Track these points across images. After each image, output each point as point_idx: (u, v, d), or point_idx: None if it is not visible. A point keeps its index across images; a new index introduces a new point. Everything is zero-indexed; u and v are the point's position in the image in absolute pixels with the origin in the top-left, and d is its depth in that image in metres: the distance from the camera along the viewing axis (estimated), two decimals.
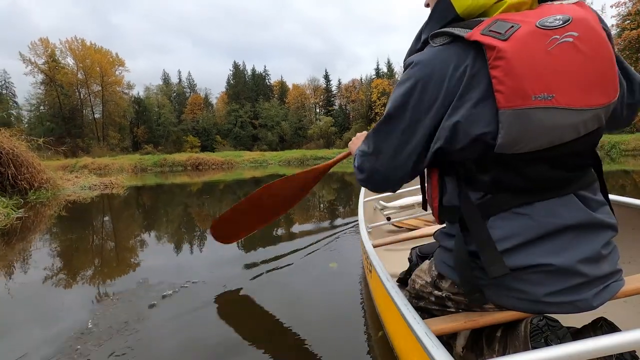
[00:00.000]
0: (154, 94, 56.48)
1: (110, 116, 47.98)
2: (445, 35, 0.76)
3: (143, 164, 25.68)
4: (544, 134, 0.70)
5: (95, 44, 47.57)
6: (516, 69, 0.66)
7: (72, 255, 3.21)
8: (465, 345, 0.94)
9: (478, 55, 0.71)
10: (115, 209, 6.52)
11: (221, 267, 2.61)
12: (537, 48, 0.66)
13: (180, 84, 60.61)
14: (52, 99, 45.12)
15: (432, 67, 0.76)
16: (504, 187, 0.77)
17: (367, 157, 0.90)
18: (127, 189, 10.12)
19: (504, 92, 0.67)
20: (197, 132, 53.90)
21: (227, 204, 6.96)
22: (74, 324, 1.74)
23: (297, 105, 57.91)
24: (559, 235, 0.74)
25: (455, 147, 0.76)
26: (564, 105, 0.68)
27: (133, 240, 3.85)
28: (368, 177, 0.91)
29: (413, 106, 0.79)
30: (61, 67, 44.89)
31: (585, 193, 0.79)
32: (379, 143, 0.86)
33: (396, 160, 0.84)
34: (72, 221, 4.96)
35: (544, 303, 0.75)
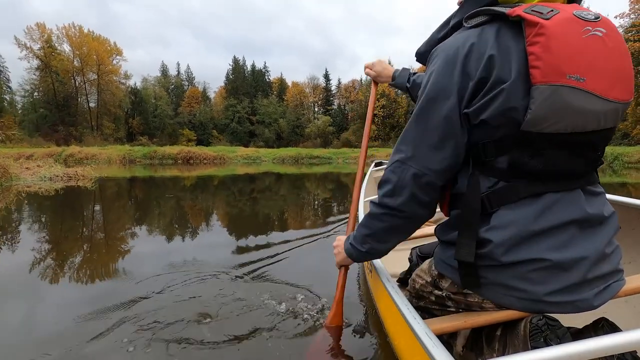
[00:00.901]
0: (151, 85, 55.82)
1: (106, 105, 47.25)
2: (482, 14, 0.78)
3: (132, 156, 25.09)
4: (571, 116, 0.72)
5: (94, 32, 46.98)
6: (554, 47, 0.69)
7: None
8: (465, 345, 0.94)
9: (516, 33, 0.74)
10: (66, 206, 5.51)
11: (218, 265, 2.48)
12: (574, 32, 0.70)
13: (178, 77, 60.05)
14: (47, 85, 44.33)
15: (468, 45, 0.77)
16: (521, 171, 0.77)
17: (408, 162, 0.83)
18: (96, 181, 9.13)
19: (540, 68, 0.70)
20: (194, 126, 53.39)
21: (216, 203, 6.50)
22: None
23: (296, 103, 57.58)
24: (563, 230, 0.75)
25: (484, 125, 0.77)
26: (593, 90, 0.71)
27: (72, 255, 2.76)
28: (413, 191, 0.84)
29: (455, 88, 0.78)
30: (57, 54, 44.11)
31: (591, 188, 0.81)
32: (422, 139, 0.82)
33: (445, 153, 0.80)
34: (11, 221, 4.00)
35: (544, 302, 0.75)
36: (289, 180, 11.78)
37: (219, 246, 3.07)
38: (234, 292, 1.94)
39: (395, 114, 49.81)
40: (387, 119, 49.53)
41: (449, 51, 0.80)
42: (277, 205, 6.24)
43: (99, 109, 47.11)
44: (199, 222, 4.32)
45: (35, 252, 2.77)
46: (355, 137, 49.92)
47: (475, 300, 0.87)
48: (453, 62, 0.78)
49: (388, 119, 49.64)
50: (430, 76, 0.82)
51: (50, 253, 2.81)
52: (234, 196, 7.64)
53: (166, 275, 2.23)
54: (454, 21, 0.88)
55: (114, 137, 45.53)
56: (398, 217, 0.88)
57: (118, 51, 48.84)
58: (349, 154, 31.36)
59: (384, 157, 29.00)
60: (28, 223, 3.95)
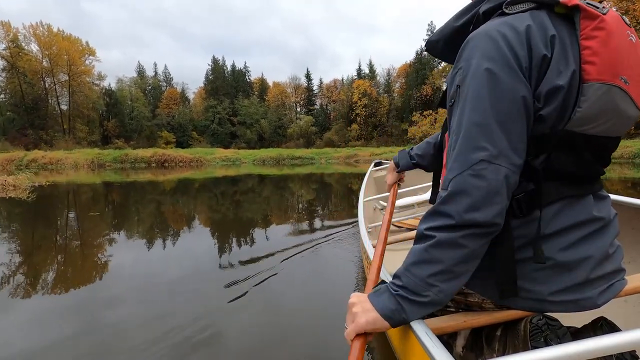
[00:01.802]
0: (127, 87, 54.00)
1: (78, 108, 45.31)
2: (528, 1, 0.73)
3: (101, 160, 23.85)
4: (615, 119, 0.70)
5: (64, 31, 44.97)
6: (613, 43, 0.66)
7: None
8: (465, 345, 0.92)
9: (565, 25, 0.70)
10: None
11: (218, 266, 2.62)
12: (623, 33, 0.69)
13: (155, 78, 58.33)
14: (14, 87, 42.13)
15: (526, 26, 0.70)
16: (555, 173, 0.74)
17: (491, 165, 0.67)
18: (32, 191, 8.11)
19: (596, 64, 0.66)
20: (173, 128, 51.99)
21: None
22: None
23: (278, 103, 56.94)
24: (571, 232, 0.74)
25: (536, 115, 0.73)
26: (632, 95, 0.69)
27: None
28: (507, 196, 0.70)
29: (512, 76, 0.69)
30: (24, 54, 42.01)
31: (600, 192, 0.81)
32: (503, 131, 0.68)
33: (523, 144, 0.71)
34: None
35: (548, 302, 0.74)
36: (272, 182, 11.44)
37: (206, 270, 2.79)
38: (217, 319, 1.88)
39: (377, 113, 49.83)
40: (369, 119, 49.50)
41: (501, 31, 0.70)
42: (261, 210, 5.94)
43: (71, 111, 45.16)
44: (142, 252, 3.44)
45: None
46: (338, 136, 49.70)
47: (476, 300, 0.85)
48: (510, 40, 0.68)
49: (370, 118, 49.62)
50: (483, 58, 0.70)
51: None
52: (215, 200, 7.09)
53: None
54: (487, 7, 0.79)
55: (88, 141, 43.75)
56: (487, 235, 0.69)
57: (91, 51, 47.03)
58: (331, 154, 30.96)
59: (367, 156, 29.00)
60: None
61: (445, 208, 0.69)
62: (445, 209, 0.69)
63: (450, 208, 0.68)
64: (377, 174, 4.34)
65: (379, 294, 0.75)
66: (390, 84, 53.53)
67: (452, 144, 0.73)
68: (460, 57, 0.76)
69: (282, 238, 3.70)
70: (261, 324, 1.81)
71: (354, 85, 51.48)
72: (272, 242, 3.59)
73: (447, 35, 0.89)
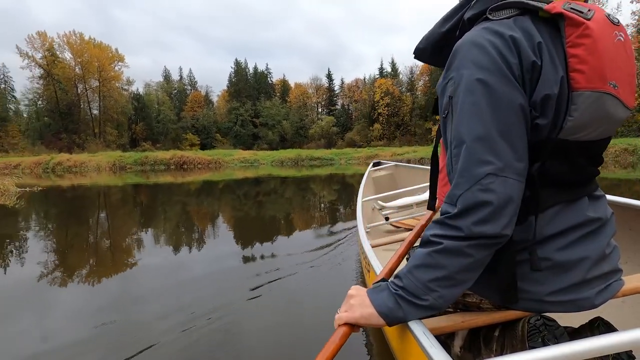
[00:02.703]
0: (154, 91, 55.74)
1: (108, 112, 47.14)
2: (513, 7, 0.72)
3: (123, 162, 24.27)
4: (606, 123, 0.70)
5: (95, 39, 46.96)
6: (600, 50, 0.65)
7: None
8: (462, 345, 0.92)
9: (550, 33, 0.69)
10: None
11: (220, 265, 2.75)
12: (610, 37, 0.67)
13: (181, 81, 59.82)
14: (50, 93, 44.42)
15: (510, 34, 0.68)
16: (550, 180, 0.74)
17: (498, 178, 0.66)
18: (18, 196, 7.72)
19: (585, 72, 0.65)
20: (197, 130, 53.06)
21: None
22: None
23: (299, 104, 56.94)
24: (567, 234, 0.74)
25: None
26: (622, 98, 0.69)
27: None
28: (516, 209, 0.68)
29: (510, 86, 0.67)
30: (59, 62, 44.18)
31: (594, 193, 0.81)
32: (506, 142, 0.66)
33: (523, 158, 0.69)
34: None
35: (546, 302, 0.75)
36: (292, 184, 11.31)
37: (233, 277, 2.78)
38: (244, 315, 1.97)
39: (400, 112, 48.75)
40: (392, 118, 48.52)
41: (488, 38, 0.68)
42: (282, 210, 5.93)
43: (102, 115, 47.04)
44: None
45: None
46: (360, 136, 49.03)
47: (474, 301, 0.85)
48: (499, 47, 0.67)
49: (393, 117, 48.63)
50: (474, 67, 0.68)
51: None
52: (238, 201, 6.89)
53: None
54: (471, 13, 0.78)
55: (117, 144, 45.38)
56: (494, 245, 0.69)
57: (119, 57, 48.79)
58: (351, 155, 30.39)
59: (388, 156, 28.31)
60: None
61: (454, 222, 0.68)
62: (455, 223, 0.68)
63: (460, 223, 0.67)
64: (376, 174, 4.37)
65: (378, 290, 0.76)
66: (414, 82, 52.27)
67: (453, 157, 0.72)
68: (450, 67, 0.74)
69: (304, 237, 3.83)
70: (279, 316, 1.96)
71: (375, 84, 50.63)
72: (293, 241, 3.74)
73: (434, 41, 0.88)
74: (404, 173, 4.28)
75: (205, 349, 1.62)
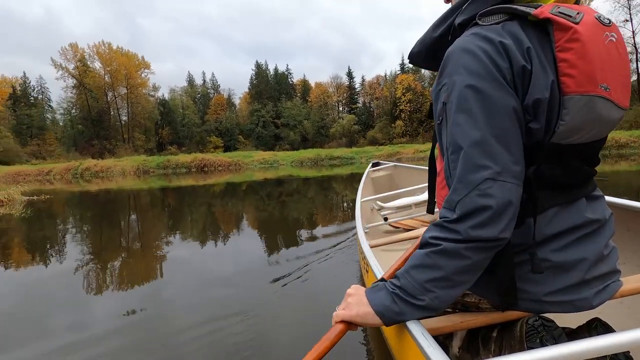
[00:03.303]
0: (178, 96, 57.33)
1: (136, 118, 48.99)
2: (501, 12, 0.72)
3: (146, 166, 24.83)
4: (599, 126, 0.71)
5: (122, 48, 48.86)
6: (589, 53, 0.65)
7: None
8: (461, 346, 0.92)
9: (540, 38, 0.69)
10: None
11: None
12: (600, 39, 0.67)
13: (204, 85, 61.26)
14: (82, 102, 46.70)
15: (500, 40, 0.68)
16: (545, 183, 0.74)
17: (496, 183, 0.66)
18: (24, 206, 7.62)
19: (575, 77, 0.65)
20: (220, 133, 54.14)
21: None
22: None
23: (320, 103, 56.86)
24: (566, 236, 0.75)
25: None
26: (614, 99, 0.69)
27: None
28: (515, 212, 0.69)
29: (502, 91, 0.68)
30: (90, 71, 46.32)
31: (593, 193, 0.81)
32: (502, 146, 0.67)
33: (520, 161, 0.69)
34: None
35: (544, 302, 0.75)
36: (314, 183, 11.22)
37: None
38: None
39: (423, 108, 47.60)
40: (414, 114, 47.48)
41: (478, 44, 0.69)
42: (305, 210, 5.95)
43: (130, 121, 48.93)
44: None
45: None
46: (382, 134, 48.34)
47: (473, 301, 0.86)
48: (490, 53, 0.68)
49: (415, 113, 47.57)
50: (466, 74, 0.69)
51: None
52: (262, 201, 6.84)
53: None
54: (462, 19, 0.78)
55: (145, 148, 47.06)
56: (493, 249, 0.69)
57: (145, 64, 50.58)
58: (372, 153, 29.84)
59: (410, 153, 27.65)
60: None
61: (452, 226, 0.69)
62: (453, 227, 0.68)
63: (458, 227, 0.68)
64: (375, 175, 4.35)
65: (376, 290, 0.78)
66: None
67: (450, 162, 0.73)
68: (443, 73, 0.74)
69: (326, 235, 3.83)
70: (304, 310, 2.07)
71: (397, 80, 49.77)
72: (315, 239, 3.76)
73: (427, 45, 0.88)
74: (402, 173, 4.28)
75: (231, 337, 1.74)
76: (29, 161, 35.77)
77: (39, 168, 23.88)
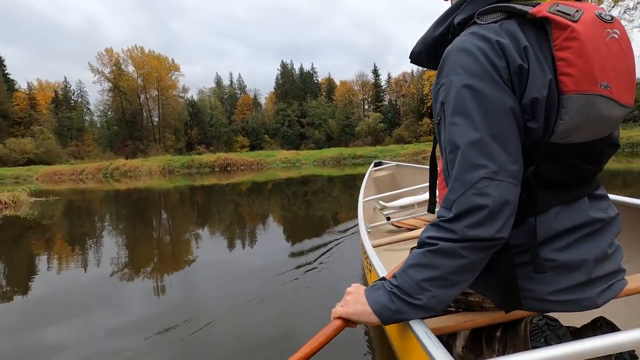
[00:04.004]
0: (207, 97, 58.80)
1: (166, 119, 50.69)
2: (500, 11, 0.72)
3: (171, 166, 25.34)
4: (599, 125, 0.70)
5: (154, 51, 50.67)
6: (588, 52, 0.64)
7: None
8: (465, 345, 0.92)
9: (538, 36, 0.68)
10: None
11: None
12: (600, 36, 0.66)
13: (231, 86, 62.45)
14: (117, 104, 48.93)
15: (491, 42, 0.68)
16: (546, 182, 0.73)
17: (493, 182, 0.66)
18: (30, 206, 7.61)
19: (573, 76, 0.65)
20: (247, 132, 55.01)
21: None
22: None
23: (345, 102, 56.37)
24: (569, 235, 0.74)
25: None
26: (615, 97, 0.68)
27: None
28: (512, 212, 0.69)
29: (499, 89, 0.68)
30: (124, 75, 48.42)
31: (596, 192, 0.80)
32: (499, 145, 0.67)
33: (518, 161, 0.69)
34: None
35: (548, 301, 0.74)
36: (339, 182, 11.13)
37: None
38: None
39: None
40: None
41: (475, 43, 0.69)
42: (330, 208, 5.98)
43: (161, 122, 50.69)
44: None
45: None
46: (409, 132, 47.23)
47: (476, 300, 0.86)
48: (487, 52, 0.68)
49: None
50: (464, 73, 0.69)
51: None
52: (287, 200, 6.79)
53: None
54: (460, 18, 0.78)
55: (174, 148, 48.60)
56: (490, 248, 0.69)
57: (175, 67, 52.19)
58: (397, 151, 29.08)
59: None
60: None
61: (449, 226, 0.69)
62: (449, 226, 0.69)
63: (455, 226, 0.68)
64: (377, 174, 4.32)
65: (374, 289, 0.80)
66: None
67: (448, 162, 0.73)
68: (441, 73, 0.74)
69: (351, 230, 3.88)
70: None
71: (424, 76, 48.36)
72: (342, 232, 3.84)
73: (428, 44, 0.88)
74: (405, 173, 4.25)
75: (253, 321, 1.92)
76: (68, 161, 37.89)
77: (72, 168, 25.17)
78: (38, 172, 24.78)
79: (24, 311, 2.32)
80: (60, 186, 16.77)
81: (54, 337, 1.94)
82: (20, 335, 1.96)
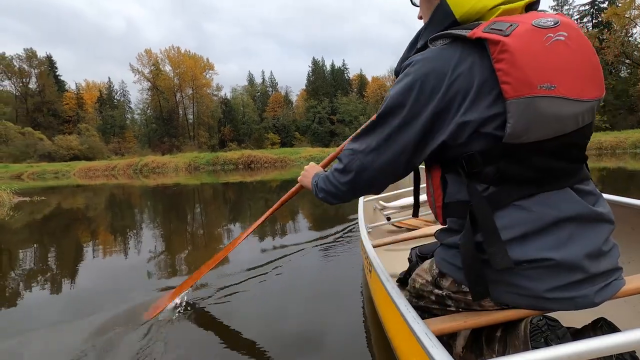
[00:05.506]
0: (239, 95, 59.81)
1: (201, 117, 52.25)
2: (445, 37, 0.81)
3: (197, 163, 25.76)
4: (549, 123, 0.75)
5: (189, 51, 52.33)
6: (520, 61, 0.71)
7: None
8: (465, 346, 0.94)
9: (481, 53, 0.76)
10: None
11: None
12: (536, 42, 0.72)
13: (263, 84, 63.10)
14: (155, 103, 51.09)
15: (433, 64, 0.79)
16: (509, 178, 0.79)
17: (357, 154, 0.92)
18: (12, 208, 6.69)
19: (510, 83, 0.72)
20: (277, 129, 55.30)
21: None
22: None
23: (377, 98, 55.07)
24: (559, 229, 0.77)
25: (459, 141, 0.80)
26: (565, 95, 0.73)
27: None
28: (355, 177, 0.94)
29: (412, 103, 0.82)
30: (161, 74, 50.42)
31: (581, 186, 0.82)
32: (373, 140, 0.89)
33: (389, 157, 0.87)
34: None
35: (544, 299, 0.76)
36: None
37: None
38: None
39: None
40: None
41: (417, 67, 0.82)
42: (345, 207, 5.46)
43: (196, 120, 52.30)
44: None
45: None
46: None
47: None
48: (418, 81, 0.80)
49: None
50: (395, 89, 0.86)
51: None
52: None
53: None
54: (421, 43, 0.90)
55: (208, 145, 49.94)
56: (345, 189, 0.99)
57: (210, 66, 53.57)
58: None
59: None
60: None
61: (337, 162, 1.02)
62: (337, 162, 1.02)
63: (336, 164, 1.02)
64: None
65: (314, 176, 1.16)
66: None
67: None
68: (397, 78, 0.89)
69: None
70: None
71: None
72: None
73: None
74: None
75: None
76: (110, 157, 40.08)
77: (106, 164, 26.44)
78: (75, 168, 26.32)
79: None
80: (94, 181, 17.52)
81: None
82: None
